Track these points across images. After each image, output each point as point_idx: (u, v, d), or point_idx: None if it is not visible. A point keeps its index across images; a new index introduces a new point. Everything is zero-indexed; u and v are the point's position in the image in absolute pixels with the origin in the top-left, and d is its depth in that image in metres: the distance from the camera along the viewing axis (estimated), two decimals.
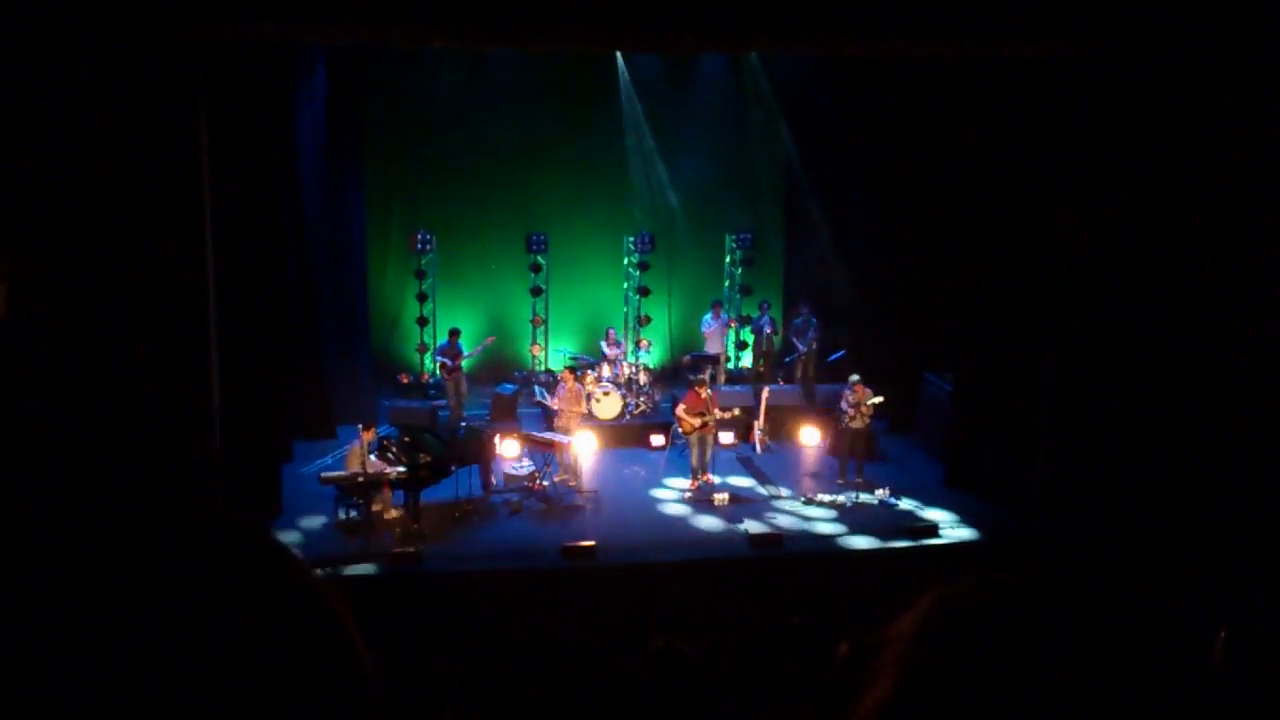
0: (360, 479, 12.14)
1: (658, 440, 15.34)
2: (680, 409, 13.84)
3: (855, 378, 13.98)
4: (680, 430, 13.95)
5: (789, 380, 17.26)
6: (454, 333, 16.34)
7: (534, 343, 18.21)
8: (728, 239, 18.54)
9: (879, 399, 13.94)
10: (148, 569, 0.83)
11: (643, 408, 16.27)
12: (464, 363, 16.29)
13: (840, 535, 12.60)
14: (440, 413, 16.04)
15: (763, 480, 14.37)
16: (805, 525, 12.90)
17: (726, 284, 18.75)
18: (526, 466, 13.85)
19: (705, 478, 13.76)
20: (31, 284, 9.92)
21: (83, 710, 0.76)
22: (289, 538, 11.93)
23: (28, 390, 9.86)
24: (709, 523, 12.85)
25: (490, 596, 10.97)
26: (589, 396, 15.41)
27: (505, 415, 15.87)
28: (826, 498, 13.50)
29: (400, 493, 12.51)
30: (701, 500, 13.42)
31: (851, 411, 13.77)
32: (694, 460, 13.81)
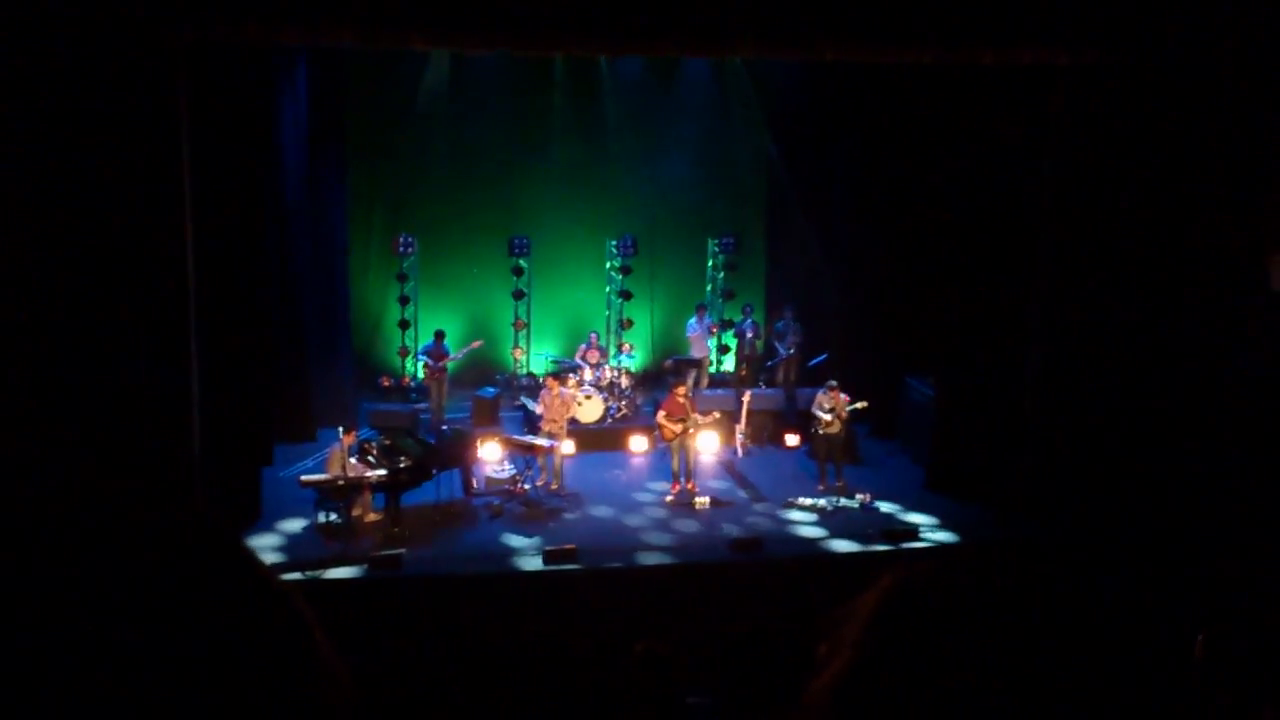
0: (340, 482, 12.10)
1: (639, 444, 15.34)
2: (661, 415, 13.81)
3: (832, 383, 14.01)
4: (662, 437, 13.91)
5: (771, 384, 17.29)
6: (439, 334, 16.32)
7: (516, 346, 18.19)
8: (710, 243, 18.56)
9: (861, 404, 13.97)
10: (118, 570, 0.82)
11: (624, 411, 16.27)
12: (449, 365, 16.27)
13: (820, 539, 12.63)
14: (421, 416, 16.00)
15: (743, 484, 14.38)
16: (785, 529, 12.92)
17: (709, 288, 18.77)
18: (508, 470, 13.83)
19: (688, 485, 13.68)
20: (9, 283, 9.86)
21: (51, 709, 0.75)
22: (268, 541, 11.89)
23: (4, 390, 9.78)
24: (690, 526, 12.86)
25: (471, 600, 10.95)
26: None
27: (487, 419, 15.84)
28: (807, 501, 13.51)
29: (381, 496, 12.47)
30: (682, 504, 13.42)
31: (828, 417, 13.74)
32: (675, 465, 13.77)
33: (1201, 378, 11.95)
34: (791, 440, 15.59)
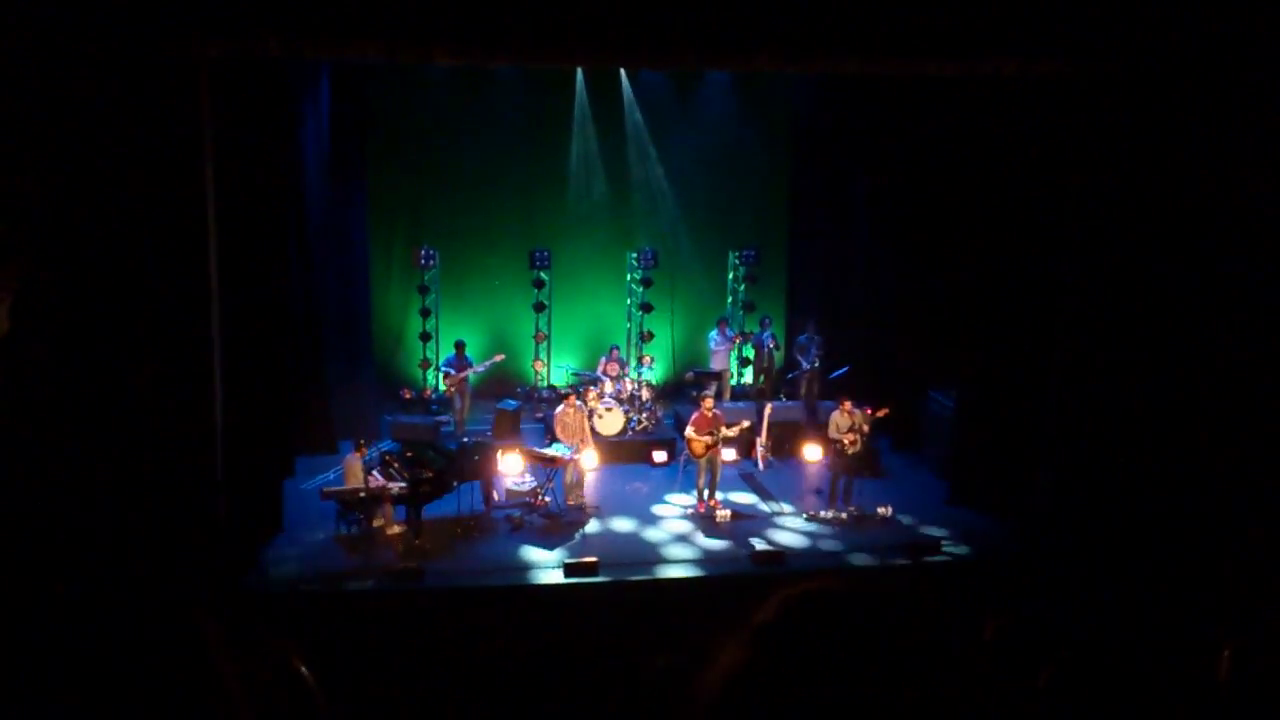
0: (362, 494, 12.14)
1: (660, 456, 15.32)
2: (689, 430, 13.70)
3: (845, 400, 13.77)
4: (691, 453, 13.82)
5: (792, 396, 17.24)
6: (459, 345, 16.38)
7: (536, 359, 18.22)
8: (731, 255, 18.56)
9: (883, 411, 13.79)
10: (137, 577, 0.84)
11: (645, 424, 16.26)
12: (470, 377, 16.31)
13: (842, 552, 12.57)
14: (443, 428, 16.04)
15: (765, 497, 14.34)
16: (807, 542, 12.87)
17: (730, 301, 18.75)
18: (528, 482, 13.83)
19: (713, 503, 13.57)
20: (35, 298, 9.94)
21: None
22: (290, 552, 11.92)
23: (30, 404, 9.86)
24: (711, 539, 12.82)
25: (492, 612, 10.95)
26: (591, 413, 15.40)
27: (508, 431, 15.87)
28: (828, 514, 13.45)
29: (402, 508, 12.50)
30: (703, 517, 13.38)
31: (851, 435, 13.53)
32: (701, 482, 13.66)
33: (1226, 392, 11.85)
34: (812, 453, 15.52)
